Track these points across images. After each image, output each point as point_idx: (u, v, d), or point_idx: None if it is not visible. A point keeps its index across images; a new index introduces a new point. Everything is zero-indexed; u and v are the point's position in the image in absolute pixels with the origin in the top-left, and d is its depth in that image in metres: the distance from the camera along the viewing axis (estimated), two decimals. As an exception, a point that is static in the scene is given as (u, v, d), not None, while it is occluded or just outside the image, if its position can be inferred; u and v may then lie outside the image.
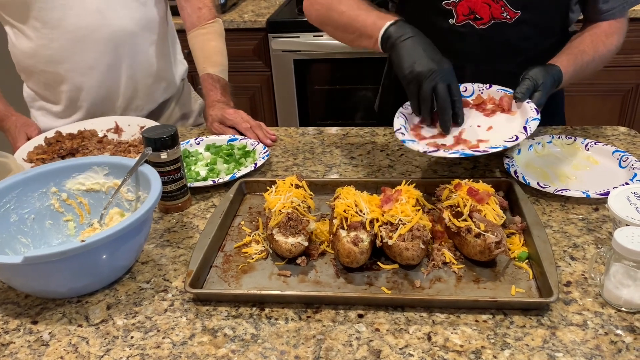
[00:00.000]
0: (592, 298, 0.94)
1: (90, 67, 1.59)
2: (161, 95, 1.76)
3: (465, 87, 1.31)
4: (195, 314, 0.95)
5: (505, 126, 1.21)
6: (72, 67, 1.58)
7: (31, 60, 1.60)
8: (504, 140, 1.15)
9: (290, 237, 1.04)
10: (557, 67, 1.25)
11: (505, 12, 1.35)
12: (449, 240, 1.07)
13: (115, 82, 1.64)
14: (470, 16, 1.37)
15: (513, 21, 1.36)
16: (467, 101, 1.29)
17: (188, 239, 1.16)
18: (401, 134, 1.20)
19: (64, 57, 1.57)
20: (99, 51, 1.57)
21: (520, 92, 1.21)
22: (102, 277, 1.01)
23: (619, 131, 1.48)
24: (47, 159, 1.42)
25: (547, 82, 1.23)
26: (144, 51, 1.65)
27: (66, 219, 1.17)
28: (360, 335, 0.89)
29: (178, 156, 1.21)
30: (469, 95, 1.30)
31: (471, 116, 1.26)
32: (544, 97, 1.22)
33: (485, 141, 1.19)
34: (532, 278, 0.98)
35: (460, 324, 0.90)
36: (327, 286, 1.00)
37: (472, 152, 1.13)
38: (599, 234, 1.09)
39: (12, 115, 1.61)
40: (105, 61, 1.59)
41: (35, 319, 0.97)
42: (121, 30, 1.58)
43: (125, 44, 1.60)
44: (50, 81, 1.63)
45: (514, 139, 1.14)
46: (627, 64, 2.61)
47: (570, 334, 0.87)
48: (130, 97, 1.68)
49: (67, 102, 1.65)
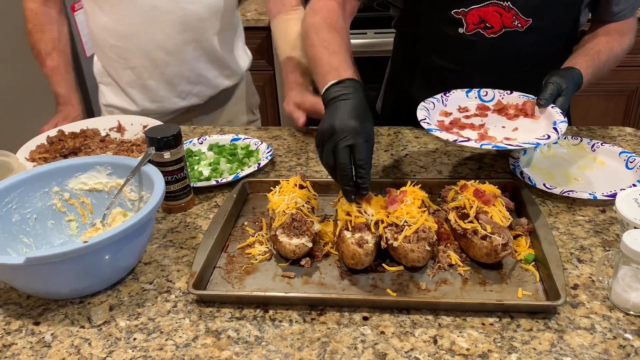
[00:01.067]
0: (600, 301, 0.93)
1: (158, 47, 1.63)
2: (223, 82, 1.78)
3: (485, 92, 1.29)
4: (199, 316, 0.94)
5: (532, 128, 1.18)
6: (141, 45, 1.62)
7: (103, 34, 1.65)
8: (536, 138, 1.10)
9: (294, 238, 1.03)
10: (578, 70, 1.24)
11: (517, 20, 1.33)
12: (454, 242, 1.06)
13: (180, 64, 1.67)
14: (481, 25, 1.35)
15: (524, 29, 1.34)
16: (486, 106, 1.26)
17: (191, 239, 1.15)
18: (427, 123, 1.13)
19: (134, 34, 1.62)
20: (168, 33, 1.61)
21: (544, 98, 1.19)
22: (105, 278, 1.00)
23: (626, 132, 1.47)
24: (49, 158, 1.41)
25: (570, 87, 1.21)
26: (210, 38, 1.69)
27: (68, 218, 1.16)
28: (365, 338, 0.88)
29: (181, 156, 1.20)
30: (489, 100, 1.28)
31: (493, 120, 1.23)
32: (568, 101, 1.21)
33: (513, 139, 1.14)
34: (539, 281, 0.97)
35: (466, 327, 0.89)
36: (332, 288, 0.99)
37: (505, 145, 1.08)
38: (607, 236, 1.08)
39: (68, 104, 1.65)
40: (173, 43, 1.63)
41: (37, 320, 0.96)
42: (193, 15, 1.62)
43: (194, 29, 1.64)
44: (119, 57, 1.66)
45: (546, 137, 1.10)
46: (632, 64, 2.59)
47: (578, 337, 0.86)
48: (194, 81, 1.72)
49: (132, 79, 1.69)
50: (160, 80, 1.69)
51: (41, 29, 1.65)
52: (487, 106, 1.27)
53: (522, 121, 1.21)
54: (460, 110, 1.26)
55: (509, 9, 1.32)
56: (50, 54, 1.65)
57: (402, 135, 1.51)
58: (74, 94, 1.68)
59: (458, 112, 1.25)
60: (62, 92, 1.66)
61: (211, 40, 1.69)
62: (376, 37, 2.69)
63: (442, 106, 1.26)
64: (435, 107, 1.24)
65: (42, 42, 1.65)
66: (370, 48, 2.69)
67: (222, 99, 1.83)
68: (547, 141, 1.09)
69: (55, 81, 1.66)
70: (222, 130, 1.62)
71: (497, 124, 1.21)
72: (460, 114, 1.25)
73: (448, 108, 1.26)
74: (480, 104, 1.27)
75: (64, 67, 1.67)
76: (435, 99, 1.25)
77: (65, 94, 1.66)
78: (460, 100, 1.27)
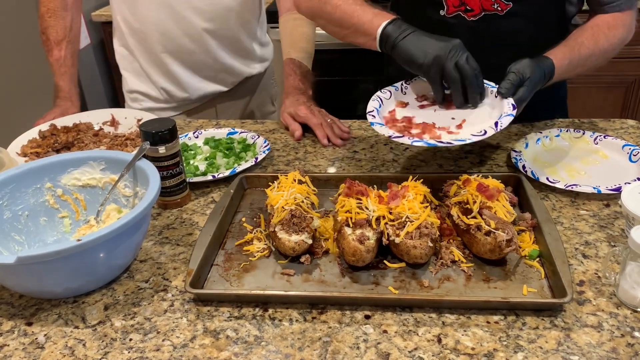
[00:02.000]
0: (607, 298, 0.91)
1: (184, 33, 1.61)
2: (246, 70, 1.78)
3: None
4: (196, 315, 0.92)
5: (481, 120, 1.15)
6: (166, 29, 1.61)
7: (128, 18, 1.63)
8: (471, 134, 1.09)
9: (293, 234, 1.01)
10: (550, 60, 1.19)
11: (496, 3, 1.30)
12: (457, 237, 1.04)
13: (205, 52, 1.66)
14: (461, 7, 1.32)
15: (504, 13, 1.31)
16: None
17: (187, 236, 1.12)
18: (372, 116, 1.16)
19: (161, 18, 1.60)
20: (193, 20, 1.60)
21: (504, 88, 1.14)
22: (99, 277, 0.98)
23: (628, 124, 1.45)
24: (41, 152, 1.38)
25: (535, 77, 1.15)
26: (237, 28, 1.68)
27: (61, 215, 1.13)
28: (367, 337, 0.86)
29: (177, 150, 1.17)
30: None
31: (446, 111, 1.20)
32: (529, 92, 1.15)
33: (455, 133, 1.12)
34: (544, 277, 0.95)
35: (471, 326, 0.87)
36: (332, 286, 0.97)
37: (436, 142, 1.07)
38: (611, 231, 1.06)
39: (68, 100, 1.61)
40: (198, 31, 1.62)
41: (30, 320, 0.94)
42: (220, 4, 1.61)
43: (220, 17, 1.63)
44: (143, 41, 1.65)
45: (483, 133, 1.08)
46: (631, 55, 2.57)
47: (585, 335, 0.84)
48: (217, 69, 1.71)
49: (155, 65, 1.67)
50: (183, 66, 1.67)
51: (55, 14, 1.60)
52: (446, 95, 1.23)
53: (475, 111, 1.17)
54: (417, 99, 1.24)
55: None
56: (59, 44, 1.61)
57: (402, 129, 1.49)
58: (75, 89, 1.64)
59: (415, 101, 1.23)
60: (64, 85, 1.61)
61: (236, 30, 1.68)
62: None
63: (401, 94, 1.24)
64: (391, 96, 1.23)
65: (53, 29, 1.60)
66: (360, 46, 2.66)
67: (247, 87, 1.82)
68: (482, 137, 1.07)
69: (60, 73, 1.60)
70: (217, 124, 1.59)
71: (448, 116, 1.18)
72: (417, 102, 1.23)
73: (406, 97, 1.24)
74: None
75: (70, 60, 1.63)
76: (394, 87, 1.25)
77: (66, 88, 1.61)
78: (421, 88, 1.25)
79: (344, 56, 2.72)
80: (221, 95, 1.77)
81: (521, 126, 1.46)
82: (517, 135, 1.42)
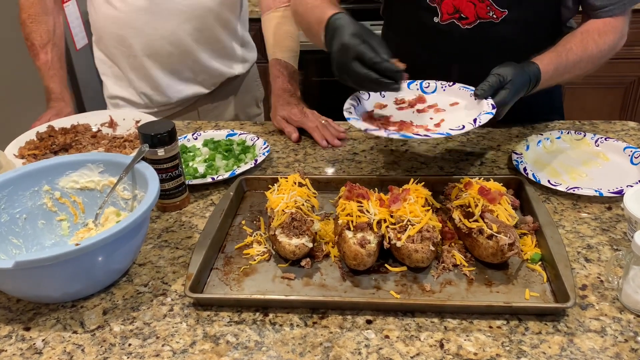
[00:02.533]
0: (610, 302, 0.90)
1: (161, 36, 1.59)
2: (228, 71, 1.75)
3: (428, 84, 1.24)
4: (196, 320, 0.91)
5: (459, 119, 1.13)
6: (142, 33, 1.58)
7: (107, 22, 1.61)
8: (449, 128, 1.07)
9: (294, 238, 1.00)
10: (535, 65, 1.16)
11: (492, 11, 1.29)
12: (458, 241, 1.04)
13: (183, 54, 1.63)
14: (455, 15, 1.31)
15: (500, 20, 1.30)
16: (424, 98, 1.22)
17: (187, 239, 1.11)
18: (349, 112, 1.13)
19: (136, 23, 1.58)
20: (173, 22, 1.57)
21: (481, 89, 1.10)
22: (98, 281, 0.97)
23: (629, 126, 1.44)
24: (39, 154, 1.37)
25: (518, 80, 1.11)
26: (217, 28, 1.65)
27: (59, 218, 1.12)
28: (369, 342, 0.85)
29: (176, 153, 1.16)
30: (431, 92, 1.24)
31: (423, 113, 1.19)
32: (511, 95, 1.11)
33: (433, 131, 1.10)
34: (546, 281, 0.95)
35: (473, 330, 0.86)
36: (333, 290, 0.96)
37: (413, 134, 1.06)
38: (613, 234, 1.05)
39: (60, 100, 1.60)
40: (177, 33, 1.59)
41: (27, 325, 0.92)
42: (199, 5, 1.58)
43: (199, 18, 1.60)
44: (121, 45, 1.63)
45: (461, 127, 1.06)
46: (629, 56, 2.57)
47: (588, 341, 0.83)
48: (196, 71, 1.68)
49: (134, 68, 1.65)
50: (163, 69, 1.65)
51: (36, 19, 1.60)
52: (424, 98, 1.22)
53: (453, 113, 1.16)
54: (396, 102, 1.22)
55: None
56: (44, 47, 1.60)
57: (402, 130, 1.48)
58: (66, 90, 1.64)
59: (393, 104, 1.21)
60: (55, 87, 1.60)
61: (217, 31, 1.66)
62: (372, 29, 2.64)
63: (380, 97, 1.23)
64: (370, 98, 1.21)
65: (36, 33, 1.60)
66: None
67: (229, 89, 1.80)
68: (460, 132, 1.05)
69: (48, 76, 1.60)
70: (217, 126, 1.58)
71: (426, 116, 1.17)
72: (395, 105, 1.21)
73: (385, 100, 1.22)
74: (419, 96, 1.22)
75: (58, 62, 1.62)
76: None
77: (57, 89, 1.61)
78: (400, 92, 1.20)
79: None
80: (202, 98, 1.74)
81: (522, 128, 1.45)
82: (517, 137, 1.41)
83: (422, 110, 1.19)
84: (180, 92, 1.69)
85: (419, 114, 1.18)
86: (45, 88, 1.62)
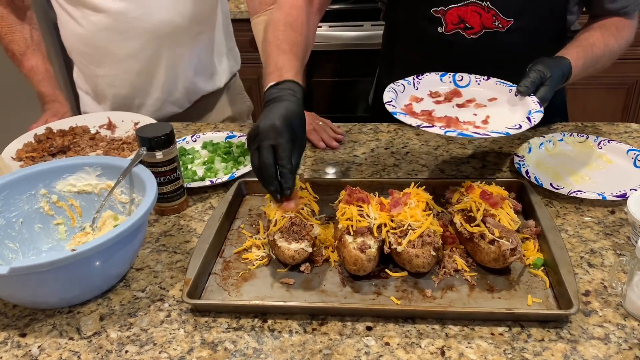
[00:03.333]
0: (613, 309, 0.89)
1: (128, 55, 1.55)
2: (204, 87, 1.69)
3: (461, 77, 1.22)
4: (194, 326, 0.90)
5: (505, 117, 1.11)
6: (110, 52, 1.55)
7: (73, 39, 1.59)
8: (506, 127, 1.05)
9: (293, 242, 0.99)
10: (567, 60, 1.17)
11: (497, 20, 1.28)
12: (460, 246, 1.02)
13: (152, 72, 1.59)
14: (460, 25, 1.30)
15: (505, 30, 1.29)
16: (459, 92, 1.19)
17: (185, 243, 1.10)
18: (392, 106, 1.07)
19: (104, 41, 1.55)
20: (139, 40, 1.53)
21: (524, 86, 1.10)
22: (95, 286, 0.96)
23: (632, 128, 1.43)
24: (36, 157, 1.36)
25: (555, 76, 1.13)
26: (188, 43, 1.60)
27: (56, 222, 1.11)
28: (369, 350, 0.84)
29: (174, 156, 1.15)
30: (464, 86, 1.21)
31: (465, 108, 1.16)
32: (551, 92, 1.12)
33: (482, 128, 1.08)
34: (549, 286, 0.93)
35: (475, 338, 0.85)
36: (333, 295, 0.94)
37: (472, 133, 1.02)
38: (617, 238, 1.04)
39: (55, 101, 1.59)
40: (144, 51, 1.56)
41: (23, 331, 0.91)
42: (165, 23, 1.53)
43: (168, 36, 1.55)
44: (89, 63, 1.61)
45: (517, 127, 1.04)
46: (632, 56, 2.55)
47: (592, 348, 0.82)
48: (168, 89, 1.63)
49: (104, 88, 1.63)
50: (132, 88, 1.61)
51: (10, 30, 1.60)
52: (459, 92, 1.20)
53: (496, 109, 1.14)
54: (431, 95, 1.19)
55: (489, 9, 1.27)
56: (24, 54, 1.60)
57: (403, 133, 1.47)
58: (58, 91, 1.62)
59: (429, 97, 1.19)
60: (46, 90, 1.60)
61: (188, 47, 1.59)
62: (373, 29, 2.64)
63: (413, 89, 1.19)
64: (405, 90, 1.18)
65: (14, 43, 1.60)
66: (366, 40, 2.63)
67: (205, 106, 1.73)
68: (518, 131, 1.03)
69: (37, 81, 1.60)
70: (216, 127, 1.57)
71: (469, 112, 1.14)
72: (431, 99, 1.18)
73: (419, 92, 1.19)
74: (454, 89, 1.20)
75: (42, 66, 1.61)
76: (406, 81, 1.19)
77: (49, 92, 1.60)
78: (433, 84, 1.20)
79: (340, 57, 2.70)
80: (176, 117, 1.68)
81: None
82: (519, 139, 1.40)
83: (462, 105, 1.16)
84: (152, 114, 1.62)
85: (459, 109, 1.15)
86: (37, 93, 1.62)
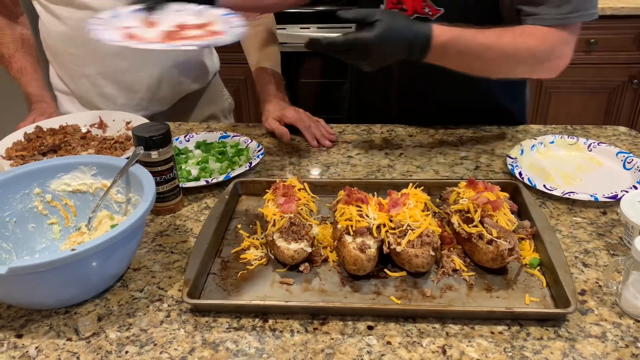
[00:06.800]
0: (609, 307, 0.90)
1: (115, 53, 1.53)
2: (189, 86, 1.70)
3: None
4: (194, 326, 0.89)
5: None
6: (95, 51, 1.53)
7: (56, 39, 1.56)
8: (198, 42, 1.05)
9: (292, 242, 0.99)
10: (428, 25, 1.09)
11: (427, 7, 1.26)
12: (457, 246, 1.03)
13: (138, 70, 1.58)
14: (398, 6, 1.29)
15: (435, 18, 1.27)
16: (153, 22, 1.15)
17: (182, 243, 1.09)
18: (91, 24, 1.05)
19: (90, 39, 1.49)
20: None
21: (343, 14, 1.09)
22: (92, 287, 0.94)
23: (620, 131, 1.46)
24: (27, 155, 1.34)
25: (392, 24, 1.06)
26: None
27: (50, 222, 1.10)
28: (371, 349, 0.84)
29: (170, 155, 1.14)
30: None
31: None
32: (375, 39, 1.06)
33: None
34: (546, 286, 0.95)
35: (475, 336, 0.86)
36: (333, 295, 0.95)
37: (167, 45, 1.01)
38: (610, 239, 1.06)
39: (42, 102, 1.58)
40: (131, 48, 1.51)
41: (19, 332, 0.90)
42: None
43: None
44: (72, 64, 1.59)
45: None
46: (614, 61, 2.59)
47: (589, 346, 0.83)
48: (155, 88, 1.62)
49: (88, 88, 1.61)
50: (117, 87, 1.60)
51: (0, 32, 1.59)
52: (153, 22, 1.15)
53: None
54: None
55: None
56: (13, 56, 1.60)
57: (396, 134, 1.48)
58: (45, 92, 1.61)
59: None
60: (33, 91, 1.59)
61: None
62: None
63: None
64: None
65: (3, 46, 1.60)
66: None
67: (188, 104, 1.73)
68: (214, 42, 1.01)
69: (24, 82, 1.59)
70: (209, 127, 1.56)
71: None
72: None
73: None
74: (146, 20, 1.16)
75: (31, 67, 1.61)
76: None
77: (36, 92, 1.59)
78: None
79: (330, 58, 2.70)
80: (161, 114, 1.68)
81: (515, 132, 1.46)
82: (511, 141, 1.42)
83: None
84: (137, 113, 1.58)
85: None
86: (25, 94, 1.61)
